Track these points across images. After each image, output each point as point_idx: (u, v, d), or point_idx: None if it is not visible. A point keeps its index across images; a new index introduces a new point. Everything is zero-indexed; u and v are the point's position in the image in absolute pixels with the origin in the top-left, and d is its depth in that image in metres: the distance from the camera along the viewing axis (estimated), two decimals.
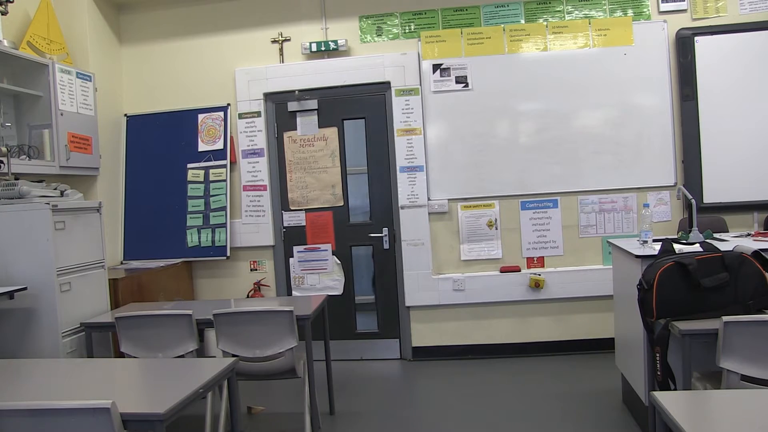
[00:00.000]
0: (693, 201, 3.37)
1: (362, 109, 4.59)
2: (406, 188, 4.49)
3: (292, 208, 4.66)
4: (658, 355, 2.47)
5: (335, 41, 4.53)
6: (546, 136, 4.44)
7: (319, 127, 4.60)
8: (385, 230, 4.52)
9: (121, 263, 4.58)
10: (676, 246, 2.86)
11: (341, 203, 4.60)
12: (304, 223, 4.64)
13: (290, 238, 4.67)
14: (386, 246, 4.54)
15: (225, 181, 4.61)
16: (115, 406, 1.66)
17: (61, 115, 3.80)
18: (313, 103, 4.57)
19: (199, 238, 4.60)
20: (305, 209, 4.64)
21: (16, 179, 3.26)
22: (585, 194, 4.44)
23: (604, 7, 4.41)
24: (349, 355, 4.56)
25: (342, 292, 4.58)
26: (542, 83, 4.42)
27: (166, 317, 2.98)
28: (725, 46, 4.29)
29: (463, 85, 4.47)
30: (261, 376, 3.11)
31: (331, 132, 4.58)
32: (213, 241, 4.58)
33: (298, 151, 4.62)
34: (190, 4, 4.73)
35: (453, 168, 4.50)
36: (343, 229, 4.61)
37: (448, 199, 4.51)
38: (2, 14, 3.58)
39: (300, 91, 4.57)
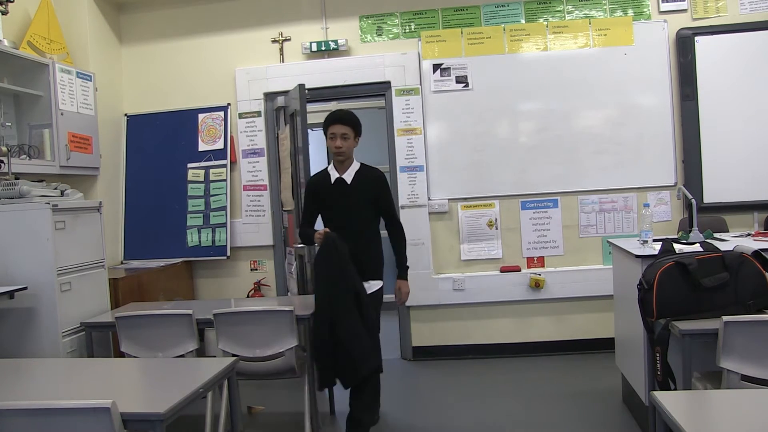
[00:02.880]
0: (693, 201, 3.37)
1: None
2: (406, 188, 4.49)
3: (284, 209, 4.63)
4: (658, 355, 2.47)
5: (335, 41, 4.53)
6: (546, 136, 4.44)
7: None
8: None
9: (121, 263, 4.58)
10: (677, 246, 2.86)
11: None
12: None
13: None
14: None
15: (225, 180, 4.61)
16: (115, 406, 1.66)
17: (62, 114, 3.80)
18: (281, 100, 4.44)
19: (199, 237, 4.60)
20: (288, 210, 4.59)
21: (17, 179, 3.26)
22: (585, 194, 4.44)
23: (605, 7, 4.41)
24: None
25: None
26: (542, 83, 4.42)
27: (166, 317, 2.98)
28: (725, 46, 4.29)
29: (464, 85, 4.47)
30: (261, 376, 3.11)
31: (288, 129, 4.39)
32: (213, 241, 4.58)
33: (281, 150, 4.59)
34: (190, 4, 4.73)
35: (453, 168, 4.49)
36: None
37: (448, 199, 4.51)
38: (2, 14, 3.58)
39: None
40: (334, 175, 3.18)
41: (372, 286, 3.12)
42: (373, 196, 3.16)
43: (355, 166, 3.19)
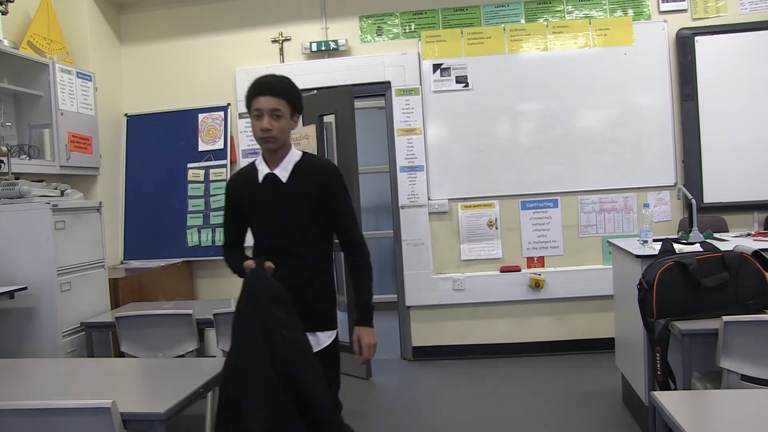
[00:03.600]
0: (693, 201, 3.37)
1: (333, 104, 4.31)
2: (406, 188, 4.49)
3: None
4: (658, 355, 2.47)
5: (335, 41, 4.53)
6: (546, 136, 4.43)
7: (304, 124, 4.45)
8: None
9: (122, 263, 4.58)
10: (677, 246, 2.86)
11: None
12: None
13: None
14: None
15: (225, 180, 4.61)
16: (115, 406, 1.66)
17: (62, 114, 3.80)
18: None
19: (200, 237, 4.60)
20: None
21: (17, 179, 3.26)
22: (585, 194, 4.43)
23: (605, 7, 4.40)
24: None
25: None
26: (542, 83, 4.42)
27: (166, 317, 2.98)
28: (725, 46, 4.28)
29: (464, 85, 4.47)
30: None
31: (311, 129, 4.42)
32: (213, 241, 4.58)
33: None
34: (190, 4, 4.73)
35: (453, 168, 4.49)
36: None
37: (448, 199, 4.51)
38: (2, 14, 3.58)
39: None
40: (262, 170, 2.16)
41: (320, 340, 2.13)
42: (320, 199, 2.12)
43: (292, 157, 2.16)
